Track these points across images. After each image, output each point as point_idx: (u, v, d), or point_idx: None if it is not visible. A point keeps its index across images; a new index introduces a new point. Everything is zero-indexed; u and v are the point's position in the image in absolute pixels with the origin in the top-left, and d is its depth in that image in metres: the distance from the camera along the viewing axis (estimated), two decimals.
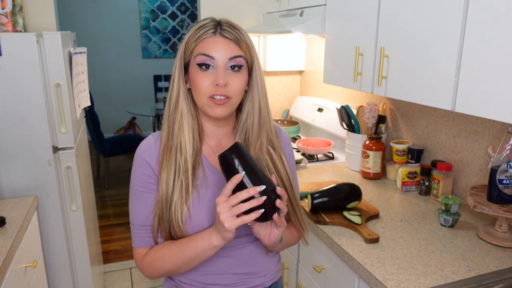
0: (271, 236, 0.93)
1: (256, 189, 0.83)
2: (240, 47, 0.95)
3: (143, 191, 0.98)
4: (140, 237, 1.00)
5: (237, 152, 0.86)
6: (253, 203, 0.83)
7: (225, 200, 0.84)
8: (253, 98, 1.00)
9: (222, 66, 0.92)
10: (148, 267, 0.99)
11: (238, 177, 0.84)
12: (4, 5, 1.79)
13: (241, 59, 0.94)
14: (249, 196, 0.83)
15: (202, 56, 0.92)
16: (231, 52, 0.93)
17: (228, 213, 0.83)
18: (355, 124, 2.04)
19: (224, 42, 0.93)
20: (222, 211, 0.84)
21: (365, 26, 1.55)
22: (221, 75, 0.92)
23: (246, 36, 0.96)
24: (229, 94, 0.93)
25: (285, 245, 1.06)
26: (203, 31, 0.94)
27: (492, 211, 1.27)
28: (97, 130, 4.05)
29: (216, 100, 0.92)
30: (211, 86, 0.92)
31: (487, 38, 1.06)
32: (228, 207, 0.84)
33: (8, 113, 1.67)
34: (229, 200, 0.84)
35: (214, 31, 0.94)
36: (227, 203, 0.84)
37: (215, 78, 0.92)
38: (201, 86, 0.93)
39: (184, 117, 0.97)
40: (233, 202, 0.83)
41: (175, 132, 0.97)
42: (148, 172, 0.97)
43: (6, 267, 1.28)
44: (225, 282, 1.01)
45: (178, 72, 0.97)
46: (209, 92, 0.92)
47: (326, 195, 1.48)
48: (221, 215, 0.84)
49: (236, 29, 0.95)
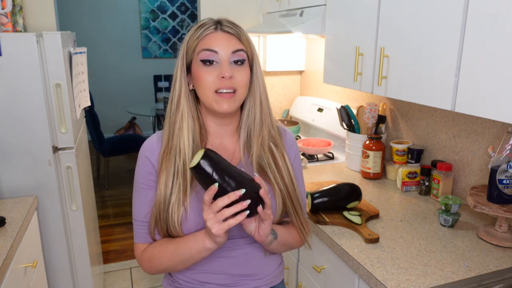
0: (259, 231, 0.93)
1: (236, 193, 0.83)
2: (241, 41, 0.96)
3: (145, 187, 1.00)
4: (140, 233, 1.02)
5: (209, 159, 0.84)
6: (237, 207, 0.83)
7: (208, 206, 0.85)
8: (254, 93, 1.01)
9: (226, 60, 0.93)
10: (147, 263, 1.01)
11: (214, 189, 0.83)
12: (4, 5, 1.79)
13: (243, 53, 0.96)
14: (230, 201, 0.83)
15: (205, 52, 0.93)
16: (234, 46, 0.94)
17: (214, 219, 0.84)
18: (355, 124, 2.04)
19: (225, 36, 0.94)
20: (208, 217, 0.85)
21: (365, 26, 1.55)
22: (226, 67, 0.93)
23: (245, 32, 0.99)
24: (235, 87, 0.94)
25: (283, 245, 1.04)
26: (204, 28, 0.95)
27: (492, 211, 1.27)
28: (97, 130, 4.05)
29: (223, 94, 0.93)
30: (216, 80, 0.93)
31: (487, 38, 1.06)
32: (212, 214, 0.84)
33: (8, 113, 1.67)
34: (211, 207, 0.84)
35: (215, 27, 0.95)
36: (211, 210, 0.84)
37: (220, 71, 0.93)
38: (206, 81, 0.93)
39: (184, 118, 0.97)
40: (216, 208, 0.84)
41: (175, 133, 0.97)
42: (150, 170, 0.99)
43: (6, 267, 1.28)
44: (221, 282, 1.01)
45: (180, 72, 0.97)
46: (215, 86, 0.93)
47: (326, 195, 1.48)
48: (207, 222, 0.85)
49: (235, 24, 0.97)
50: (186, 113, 0.98)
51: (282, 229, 1.02)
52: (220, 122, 1.02)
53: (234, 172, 0.86)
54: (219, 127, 1.03)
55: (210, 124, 1.03)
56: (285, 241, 1.04)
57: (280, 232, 1.01)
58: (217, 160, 0.85)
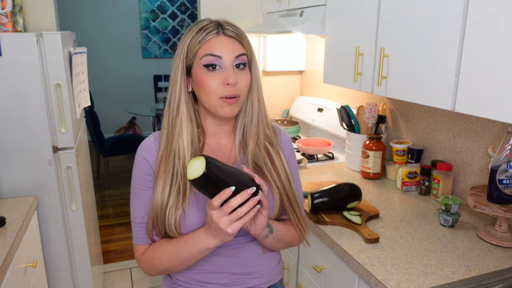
0: (256, 223, 0.92)
1: (248, 192, 0.83)
2: (242, 45, 0.96)
3: (142, 189, 0.99)
4: (139, 235, 1.02)
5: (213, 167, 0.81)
6: (250, 204, 0.84)
7: (219, 209, 0.84)
8: (252, 94, 1.01)
9: (230, 65, 0.93)
10: (147, 264, 1.01)
11: (228, 193, 0.82)
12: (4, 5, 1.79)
13: (245, 57, 0.96)
14: (243, 200, 0.83)
15: (209, 57, 0.92)
16: (237, 51, 0.94)
17: (227, 220, 0.84)
18: (355, 124, 2.04)
19: (228, 41, 0.94)
20: (220, 220, 0.84)
21: (365, 26, 1.55)
22: (231, 74, 0.92)
23: (245, 33, 0.98)
24: (239, 93, 0.94)
25: (280, 241, 1.03)
26: (206, 32, 0.94)
27: (492, 211, 1.27)
28: (97, 130, 4.05)
29: (228, 99, 0.93)
30: (221, 86, 0.92)
31: (487, 38, 1.06)
32: (225, 216, 0.84)
33: (8, 113, 1.67)
34: (223, 209, 0.83)
35: (217, 31, 0.94)
36: (222, 212, 0.84)
37: (224, 77, 0.92)
38: (210, 87, 0.92)
39: (184, 122, 0.97)
40: (229, 210, 0.83)
41: (174, 137, 0.97)
42: (148, 171, 0.99)
43: (6, 267, 1.28)
44: (221, 281, 1.01)
45: (180, 75, 0.96)
46: (220, 93, 0.93)
47: (326, 195, 1.48)
48: (221, 224, 0.84)
49: (236, 27, 0.97)
50: (186, 116, 0.97)
51: (278, 225, 1.02)
52: (218, 122, 1.02)
53: (235, 171, 0.86)
54: (217, 127, 1.03)
55: (208, 124, 1.03)
56: (282, 237, 1.03)
57: (276, 227, 1.00)
58: (219, 165, 0.83)
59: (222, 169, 0.83)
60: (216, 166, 0.82)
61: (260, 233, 0.94)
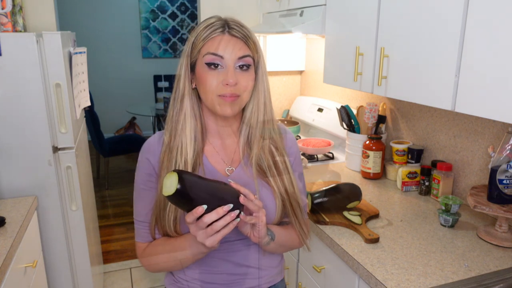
0: (254, 233, 0.92)
1: (224, 208, 0.82)
2: (248, 46, 0.95)
3: (145, 188, 1.00)
4: (141, 232, 1.03)
5: (185, 183, 0.78)
6: (227, 219, 0.82)
7: (195, 224, 0.83)
8: (258, 95, 1.00)
9: (231, 66, 0.92)
10: (147, 261, 1.02)
11: (200, 211, 0.80)
12: (4, 5, 1.79)
13: (249, 58, 0.94)
14: (218, 217, 0.82)
15: (210, 56, 0.91)
16: (240, 52, 0.93)
17: (204, 235, 0.83)
18: (355, 124, 2.04)
19: (232, 41, 0.93)
20: (197, 234, 0.84)
21: (365, 26, 1.55)
22: (231, 74, 0.91)
23: (252, 34, 0.97)
24: (238, 93, 0.93)
25: (282, 246, 1.04)
26: (211, 30, 0.93)
27: (492, 211, 1.27)
28: (97, 130, 4.05)
29: (227, 97, 0.92)
30: (220, 85, 0.92)
31: (487, 38, 1.06)
32: (200, 230, 0.83)
33: (8, 113, 1.67)
34: (198, 225, 0.83)
35: (222, 30, 0.93)
36: (197, 227, 0.83)
37: (224, 77, 0.91)
38: (210, 85, 0.92)
39: (187, 117, 0.97)
40: (203, 226, 0.82)
41: (177, 132, 0.97)
42: (150, 171, 0.99)
43: (6, 267, 1.28)
44: (222, 281, 1.01)
45: (184, 71, 0.96)
46: (219, 91, 0.92)
47: (326, 195, 1.48)
48: (198, 237, 0.84)
49: (243, 27, 0.95)
50: (189, 112, 0.97)
51: (280, 230, 1.02)
52: (221, 123, 1.02)
53: (214, 186, 0.84)
54: (220, 127, 1.03)
55: (211, 124, 1.02)
56: (284, 242, 1.03)
57: (277, 232, 1.00)
58: (194, 180, 0.81)
59: (198, 184, 0.81)
60: (191, 181, 0.79)
61: (261, 241, 0.95)
